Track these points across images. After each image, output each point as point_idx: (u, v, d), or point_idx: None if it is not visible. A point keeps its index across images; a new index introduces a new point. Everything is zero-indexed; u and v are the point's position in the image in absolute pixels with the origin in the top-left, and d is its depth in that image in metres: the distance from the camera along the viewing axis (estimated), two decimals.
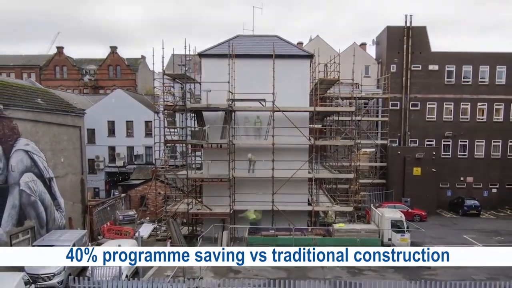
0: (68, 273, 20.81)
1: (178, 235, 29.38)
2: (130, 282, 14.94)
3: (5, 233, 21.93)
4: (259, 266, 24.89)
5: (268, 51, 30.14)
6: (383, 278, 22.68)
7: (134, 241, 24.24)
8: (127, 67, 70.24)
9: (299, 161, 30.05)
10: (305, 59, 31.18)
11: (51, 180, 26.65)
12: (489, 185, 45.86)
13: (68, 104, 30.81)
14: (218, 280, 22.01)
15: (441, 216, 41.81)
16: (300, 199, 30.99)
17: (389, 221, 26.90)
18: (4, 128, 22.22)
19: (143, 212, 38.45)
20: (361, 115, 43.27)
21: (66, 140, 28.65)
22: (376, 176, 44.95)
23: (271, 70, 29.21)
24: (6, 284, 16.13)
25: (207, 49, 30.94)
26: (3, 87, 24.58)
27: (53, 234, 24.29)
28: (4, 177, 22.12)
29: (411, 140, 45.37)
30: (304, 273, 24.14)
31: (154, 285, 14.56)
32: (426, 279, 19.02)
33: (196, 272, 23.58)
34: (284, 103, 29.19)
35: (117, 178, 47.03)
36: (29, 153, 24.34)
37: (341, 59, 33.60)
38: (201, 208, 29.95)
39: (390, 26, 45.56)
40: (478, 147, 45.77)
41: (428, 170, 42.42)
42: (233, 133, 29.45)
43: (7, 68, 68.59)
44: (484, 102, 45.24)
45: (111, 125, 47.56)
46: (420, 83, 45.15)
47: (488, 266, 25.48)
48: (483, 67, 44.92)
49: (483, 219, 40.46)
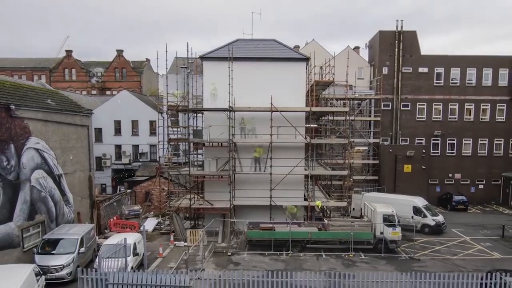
0: (76, 265, 20.83)
1: (181, 229, 29.41)
2: (136, 273, 14.94)
3: (17, 227, 21.91)
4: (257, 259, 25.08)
5: (266, 54, 30.13)
6: (375, 270, 22.74)
7: (139, 235, 24.22)
8: (132, 69, 70.21)
9: (296, 159, 30.09)
10: (302, 61, 31.14)
11: (61, 177, 26.62)
12: (476, 182, 45.93)
13: (76, 105, 30.77)
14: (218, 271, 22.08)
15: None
16: (297, 195, 30.97)
17: (381, 215, 26.91)
18: (16, 127, 22.19)
19: (148, 207, 38.48)
20: (354, 115, 43.31)
21: (75, 139, 28.63)
22: (369, 173, 44.99)
23: (269, 72, 29.21)
24: (17, 275, 16.11)
25: (208, 52, 30.89)
26: (15, 89, 24.54)
27: (62, 228, 24.27)
28: (16, 174, 22.10)
29: (402, 139, 45.38)
30: (299, 264, 24.21)
31: (158, 276, 14.55)
32: (416, 271, 19.06)
33: (198, 264, 23.63)
34: (281, 103, 29.18)
35: (123, 175, 46.98)
36: (39, 151, 24.31)
37: (336, 62, 33.64)
38: (203, 203, 29.94)
39: (382, 30, 45.53)
40: (465, 146, 45.83)
41: (418, 167, 42.45)
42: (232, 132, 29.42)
43: (19, 70, 68.58)
44: (471, 102, 45.27)
45: (117, 125, 47.52)
46: (410, 85, 45.17)
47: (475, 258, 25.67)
48: (470, 69, 44.94)
49: (471, 214, 40.51)
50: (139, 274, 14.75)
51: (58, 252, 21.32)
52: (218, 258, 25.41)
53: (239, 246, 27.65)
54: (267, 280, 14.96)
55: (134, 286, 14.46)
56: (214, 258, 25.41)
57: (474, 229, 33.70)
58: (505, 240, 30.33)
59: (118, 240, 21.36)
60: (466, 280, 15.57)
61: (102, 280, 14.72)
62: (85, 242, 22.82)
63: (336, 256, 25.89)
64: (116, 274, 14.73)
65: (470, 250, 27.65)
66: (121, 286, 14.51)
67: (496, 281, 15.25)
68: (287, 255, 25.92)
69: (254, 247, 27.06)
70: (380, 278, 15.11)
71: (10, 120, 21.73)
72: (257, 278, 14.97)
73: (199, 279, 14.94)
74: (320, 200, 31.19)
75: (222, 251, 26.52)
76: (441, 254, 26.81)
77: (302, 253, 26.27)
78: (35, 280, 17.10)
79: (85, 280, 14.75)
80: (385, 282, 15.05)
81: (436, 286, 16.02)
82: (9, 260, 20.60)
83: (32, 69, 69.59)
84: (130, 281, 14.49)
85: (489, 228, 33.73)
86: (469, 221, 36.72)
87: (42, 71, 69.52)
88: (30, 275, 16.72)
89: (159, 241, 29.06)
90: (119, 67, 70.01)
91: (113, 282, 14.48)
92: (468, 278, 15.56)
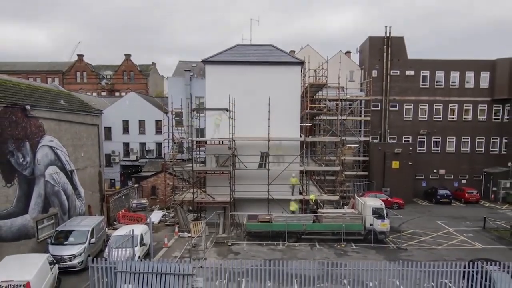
0: (87, 254, 20.79)
1: (184, 221, 29.38)
2: (142, 262, 14.90)
3: (32, 219, 21.86)
4: (256, 249, 25.08)
5: (264, 58, 30.08)
6: (365, 259, 22.76)
7: (146, 226, 24.19)
8: (139, 72, 70.05)
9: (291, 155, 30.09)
10: (297, 65, 31.08)
11: (73, 172, 26.56)
12: (459, 177, 46.00)
13: (87, 105, 30.66)
14: (220, 260, 22.10)
15: (417, 204, 41.88)
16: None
17: (370, 208, 26.90)
18: (31, 126, 22.12)
19: (154, 200, 38.49)
20: (346, 115, 43.30)
21: (86, 137, 28.53)
22: (360, 169, 44.95)
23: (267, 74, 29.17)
24: (32, 264, 16.10)
25: (210, 57, 30.81)
26: (30, 90, 24.45)
27: (74, 220, 24.21)
28: (31, 169, 22.04)
29: (390, 137, 45.37)
30: (295, 254, 24.20)
31: (164, 265, 14.52)
32: (403, 260, 19.07)
33: (201, 253, 23.62)
34: (278, 104, 29.17)
35: (131, 171, 46.94)
36: (53, 149, 24.24)
37: (328, 66, 33.63)
38: (205, 197, 29.92)
39: (372, 36, 45.48)
40: (449, 143, 45.86)
41: (406, 164, 42.45)
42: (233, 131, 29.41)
43: (34, 73, 68.42)
44: (454, 103, 45.29)
45: (126, 124, 47.43)
46: (398, 87, 45.15)
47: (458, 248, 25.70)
48: (454, 72, 44.95)
49: (454, 207, 40.55)
50: (145, 263, 14.73)
51: (70, 242, 21.28)
52: (219, 248, 25.39)
53: (238, 237, 27.66)
54: (264, 268, 14.95)
55: (141, 274, 14.44)
56: (216, 248, 25.39)
57: (457, 221, 33.74)
58: (486, 231, 30.37)
59: (126, 231, 21.29)
60: (450, 268, 15.57)
61: (111, 269, 14.68)
62: (96, 233, 22.77)
63: (329, 246, 25.87)
64: (124, 262, 14.69)
65: (453, 241, 27.67)
66: (129, 274, 14.48)
67: (478, 270, 15.25)
68: (283, 245, 25.92)
69: (252, 238, 27.08)
70: (370, 267, 15.10)
71: (26, 120, 21.66)
72: (255, 267, 14.95)
73: (201, 267, 14.91)
74: (314, 194, 31.19)
75: (223, 242, 26.50)
76: (427, 244, 26.82)
77: (297, 244, 26.26)
78: (49, 268, 17.08)
79: (96, 268, 14.71)
80: (374, 270, 15.05)
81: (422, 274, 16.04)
82: (24, 250, 20.55)
83: (46, 72, 69.39)
84: (137, 269, 14.45)
85: (471, 220, 33.77)
86: (452, 213, 36.78)
87: (55, 74, 69.34)
88: (44, 264, 16.70)
89: (164, 232, 29.02)
90: (127, 70, 69.87)
91: (122, 270, 14.45)
92: (451, 266, 15.55)
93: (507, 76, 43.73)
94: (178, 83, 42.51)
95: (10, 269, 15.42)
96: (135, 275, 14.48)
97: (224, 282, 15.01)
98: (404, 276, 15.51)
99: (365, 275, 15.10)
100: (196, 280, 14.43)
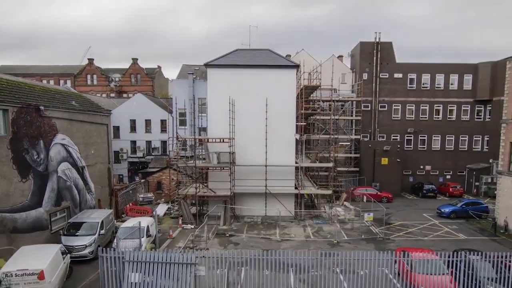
0: (97, 245, 20.80)
1: (188, 214, 29.37)
2: (149, 252, 14.91)
3: (46, 212, 21.85)
4: (254, 239, 25.08)
5: (262, 62, 30.02)
6: (357, 249, 22.78)
7: (152, 219, 24.18)
8: (146, 75, 69.83)
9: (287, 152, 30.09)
10: (293, 68, 30.97)
11: (83, 168, 26.52)
12: (444, 172, 46.01)
13: (97, 106, 30.59)
14: (221, 250, 22.11)
15: (405, 198, 41.92)
16: (288, 184, 30.94)
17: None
18: (45, 125, 22.07)
19: (159, 194, 38.45)
20: (338, 115, 43.30)
21: (96, 135, 28.48)
22: (351, 165, 44.91)
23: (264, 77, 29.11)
24: (46, 254, 16.10)
25: (212, 60, 30.70)
26: (44, 92, 24.38)
27: (85, 213, 24.22)
28: (44, 166, 22.00)
29: (379, 135, 45.36)
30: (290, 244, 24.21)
31: (168, 254, 14.51)
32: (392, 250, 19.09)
33: (203, 244, 23.63)
34: (275, 104, 29.17)
35: (138, 167, 46.84)
36: (65, 146, 24.20)
37: (322, 69, 33.59)
38: (207, 191, 29.89)
39: (362, 41, 45.39)
40: (434, 141, 45.85)
41: (394, 160, 42.43)
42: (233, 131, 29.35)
43: (47, 76, 68.16)
44: (440, 104, 45.27)
45: (133, 123, 47.28)
46: (387, 89, 45.10)
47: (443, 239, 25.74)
48: (439, 75, 44.90)
49: (439, 200, 40.52)
50: (151, 253, 14.73)
51: (81, 233, 21.29)
52: (220, 239, 25.40)
53: (238, 229, 27.65)
54: (263, 258, 14.94)
55: (147, 263, 14.43)
56: (217, 239, 25.40)
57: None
58: (469, 223, 30.43)
59: (134, 224, 21.33)
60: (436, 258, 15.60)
61: (120, 258, 14.66)
62: (105, 225, 22.78)
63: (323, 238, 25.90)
64: (131, 252, 14.68)
65: (438, 232, 27.72)
66: (136, 263, 14.48)
67: (461, 259, 15.29)
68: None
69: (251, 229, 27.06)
70: (361, 256, 15.10)
71: (40, 119, 21.62)
72: (254, 256, 14.95)
73: (203, 257, 14.90)
74: (308, 188, 31.20)
75: (223, 233, 26.49)
76: (414, 235, 26.87)
77: (293, 235, 26.28)
78: (61, 258, 17.11)
79: (105, 258, 14.69)
80: (365, 259, 15.05)
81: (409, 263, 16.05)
82: (39, 241, 20.54)
83: (59, 75, 69.10)
84: (144, 258, 14.45)
85: None
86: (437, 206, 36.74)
87: (67, 77, 69.04)
88: (57, 253, 16.72)
89: (169, 224, 29.03)
90: (134, 73, 69.65)
91: (129, 260, 14.43)
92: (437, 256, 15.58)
93: (488, 78, 43.75)
94: (182, 85, 42.34)
95: (26, 259, 15.45)
96: (142, 264, 14.47)
97: (225, 270, 15.01)
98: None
99: (357, 264, 15.08)
100: (199, 269, 14.43)
